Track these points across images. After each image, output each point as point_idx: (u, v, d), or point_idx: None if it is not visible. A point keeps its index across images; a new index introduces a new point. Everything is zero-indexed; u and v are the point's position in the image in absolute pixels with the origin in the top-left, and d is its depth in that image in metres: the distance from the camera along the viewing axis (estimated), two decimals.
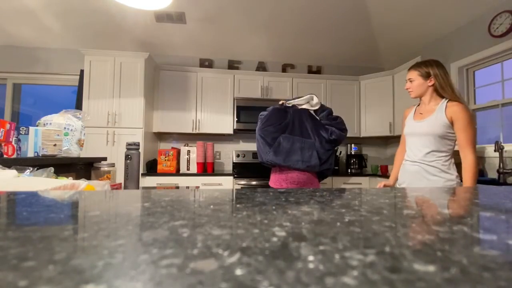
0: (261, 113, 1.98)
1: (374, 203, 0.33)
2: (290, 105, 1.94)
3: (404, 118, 1.62)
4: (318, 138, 1.84)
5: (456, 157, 1.40)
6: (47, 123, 1.34)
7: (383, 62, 3.68)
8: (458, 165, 1.37)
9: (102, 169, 1.20)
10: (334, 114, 1.96)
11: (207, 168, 3.05)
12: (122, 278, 0.12)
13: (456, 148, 1.39)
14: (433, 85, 1.41)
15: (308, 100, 1.95)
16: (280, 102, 1.96)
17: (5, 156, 1.04)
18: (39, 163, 1.00)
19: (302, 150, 1.78)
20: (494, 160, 2.25)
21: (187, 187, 2.16)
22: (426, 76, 1.42)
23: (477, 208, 0.32)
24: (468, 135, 1.31)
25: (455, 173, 1.37)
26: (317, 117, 1.94)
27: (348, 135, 3.40)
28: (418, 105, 1.53)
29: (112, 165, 1.24)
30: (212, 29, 2.93)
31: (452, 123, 1.34)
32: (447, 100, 1.38)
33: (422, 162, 1.42)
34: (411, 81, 1.47)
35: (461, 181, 1.37)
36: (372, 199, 0.36)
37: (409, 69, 1.49)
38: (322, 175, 1.94)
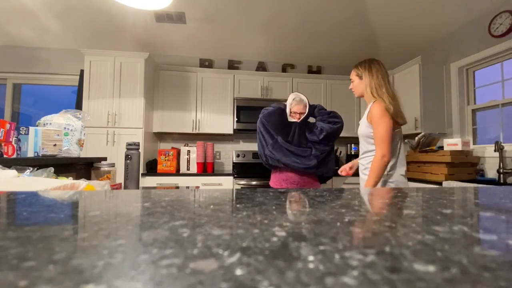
0: (265, 108, 1.96)
1: (374, 203, 0.33)
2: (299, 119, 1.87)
3: None
4: (314, 146, 1.82)
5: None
6: (47, 123, 1.34)
7: (383, 62, 3.68)
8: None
9: (102, 169, 1.20)
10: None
11: (207, 168, 3.05)
12: (122, 278, 0.12)
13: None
14: (365, 85, 1.44)
15: (300, 101, 1.88)
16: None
17: (5, 156, 1.04)
18: (39, 163, 1.00)
19: (299, 155, 1.77)
20: (494, 160, 2.25)
21: (187, 187, 2.16)
22: (361, 76, 1.45)
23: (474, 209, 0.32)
24: (377, 131, 1.33)
25: (389, 172, 1.36)
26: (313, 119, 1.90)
27: (348, 135, 3.40)
28: None
29: (112, 165, 1.24)
30: (212, 29, 2.93)
31: (370, 121, 1.37)
32: (373, 101, 1.40)
33: (360, 161, 1.50)
34: (352, 81, 1.52)
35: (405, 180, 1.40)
36: (372, 199, 0.36)
37: (352, 70, 1.54)
38: (322, 178, 1.93)
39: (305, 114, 1.86)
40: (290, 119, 1.88)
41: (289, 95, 1.93)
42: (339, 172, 1.68)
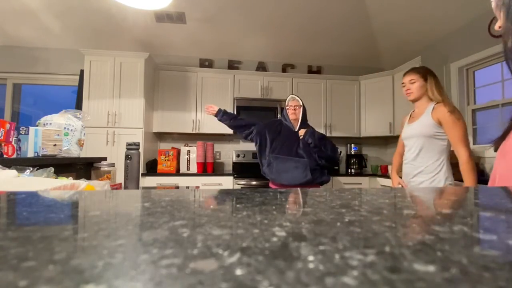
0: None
1: (374, 203, 0.33)
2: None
3: (402, 125, 1.70)
4: (311, 156, 1.83)
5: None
6: (47, 123, 1.34)
7: (383, 62, 3.68)
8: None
9: (102, 169, 1.20)
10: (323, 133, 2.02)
11: (207, 168, 3.05)
12: (122, 278, 0.12)
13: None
14: (427, 89, 1.49)
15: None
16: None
17: (5, 156, 1.04)
18: (39, 163, 1.00)
19: (296, 169, 1.78)
20: (494, 160, 2.25)
21: (187, 187, 2.16)
22: (425, 79, 1.49)
23: (477, 208, 0.32)
24: (456, 132, 1.34)
25: (447, 174, 1.42)
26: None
27: (348, 135, 3.41)
28: (413, 111, 1.61)
29: (112, 165, 1.24)
30: (212, 29, 2.93)
31: (440, 124, 1.40)
32: (435, 103, 1.45)
33: (412, 163, 1.50)
34: (412, 82, 1.51)
35: (461, 181, 1.40)
36: (372, 199, 0.36)
37: (408, 72, 1.56)
38: (321, 183, 1.95)
39: (301, 110, 1.92)
40: (289, 121, 1.93)
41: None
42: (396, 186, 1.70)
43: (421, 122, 1.46)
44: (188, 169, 2.97)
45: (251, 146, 3.48)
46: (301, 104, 1.94)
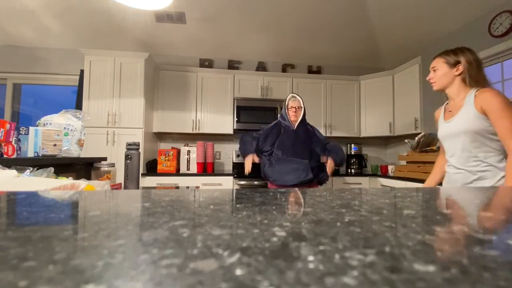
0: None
1: (374, 203, 0.33)
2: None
3: (435, 121, 1.41)
4: (311, 156, 1.84)
5: None
6: (47, 123, 1.34)
7: (383, 62, 3.68)
8: None
9: (102, 169, 1.20)
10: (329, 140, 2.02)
11: (207, 168, 3.05)
12: (122, 278, 0.12)
13: None
14: (460, 74, 1.21)
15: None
16: None
17: (5, 156, 1.04)
18: (39, 163, 1.00)
19: (297, 170, 1.79)
20: None
21: (187, 187, 2.16)
22: (454, 64, 1.22)
23: (478, 209, 0.32)
24: (506, 121, 1.08)
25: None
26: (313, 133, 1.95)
27: (348, 135, 3.41)
28: (447, 103, 1.33)
29: (112, 165, 1.24)
30: (212, 29, 2.93)
31: (485, 114, 1.12)
32: (476, 89, 1.17)
33: (466, 168, 1.21)
34: (434, 70, 1.29)
35: None
36: (372, 199, 0.36)
37: (434, 57, 1.31)
38: (320, 182, 1.96)
39: (301, 111, 1.92)
40: (286, 118, 1.94)
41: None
42: None
43: (463, 115, 1.18)
44: (188, 169, 2.97)
45: None
46: (302, 105, 1.94)
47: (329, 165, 1.88)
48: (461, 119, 1.19)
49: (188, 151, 2.98)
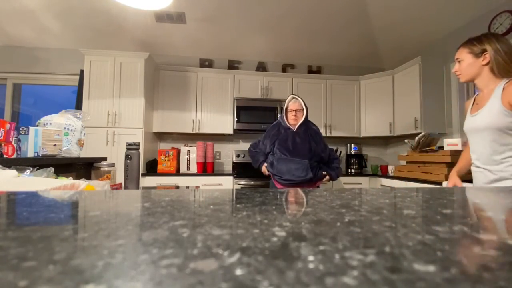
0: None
1: (374, 203, 0.33)
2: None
3: (465, 112, 1.30)
4: (313, 155, 1.84)
5: None
6: (47, 123, 1.34)
7: (383, 62, 3.68)
8: None
9: (102, 169, 1.20)
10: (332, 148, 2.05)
11: (207, 168, 3.05)
12: (122, 278, 0.12)
13: None
14: (488, 63, 1.11)
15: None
16: None
17: (5, 156, 1.04)
18: (39, 163, 1.00)
19: (296, 170, 1.80)
20: None
21: (187, 187, 2.16)
22: (479, 53, 1.13)
23: (477, 209, 0.32)
24: None
25: None
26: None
27: (348, 135, 3.41)
28: (477, 94, 1.24)
29: (112, 165, 1.24)
30: (212, 29, 2.93)
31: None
32: (506, 81, 1.07)
33: (486, 167, 1.14)
34: (459, 61, 1.20)
35: None
36: (372, 199, 0.36)
37: (459, 48, 1.23)
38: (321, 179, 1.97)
39: (303, 113, 1.90)
40: (285, 120, 1.93)
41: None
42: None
43: (488, 109, 1.09)
44: (188, 169, 2.97)
45: None
46: (303, 107, 1.90)
47: (325, 180, 1.94)
48: (485, 113, 1.11)
49: (188, 151, 2.98)
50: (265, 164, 1.95)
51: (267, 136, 1.96)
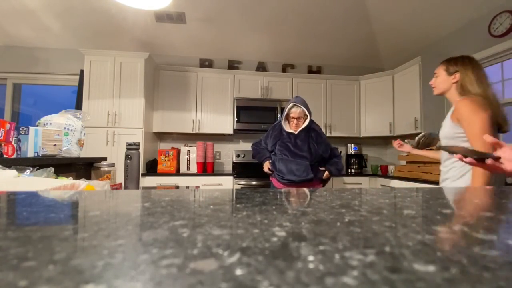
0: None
1: (374, 203, 0.33)
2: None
3: None
4: (314, 155, 1.84)
5: None
6: (47, 123, 1.34)
7: (383, 62, 3.69)
8: None
9: (102, 169, 1.20)
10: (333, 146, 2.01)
11: (207, 168, 3.05)
12: (122, 278, 0.12)
13: None
14: (456, 82, 1.30)
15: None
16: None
17: (5, 156, 1.04)
18: (39, 163, 1.00)
19: (297, 171, 1.80)
20: None
21: (187, 187, 2.16)
22: (452, 73, 1.32)
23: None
24: (471, 129, 1.15)
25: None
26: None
27: (348, 135, 3.41)
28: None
29: (112, 165, 1.24)
30: (212, 29, 2.93)
31: (458, 120, 1.22)
32: (460, 99, 1.24)
33: (441, 169, 1.36)
34: (436, 76, 1.40)
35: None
36: (372, 199, 0.36)
37: (439, 64, 1.42)
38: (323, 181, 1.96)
39: (305, 119, 1.85)
40: (285, 126, 1.89)
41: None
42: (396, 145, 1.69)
43: (445, 121, 1.32)
44: (188, 169, 2.97)
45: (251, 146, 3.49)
46: (306, 114, 1.83)
47: (325, 176, 1.91)
48: (443, 124, 1.33)
49: (188, 151, 2.98)
50: (269, 161, 1.93)
51: (269, 136, 1.96)
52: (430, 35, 2.90)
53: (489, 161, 0.77)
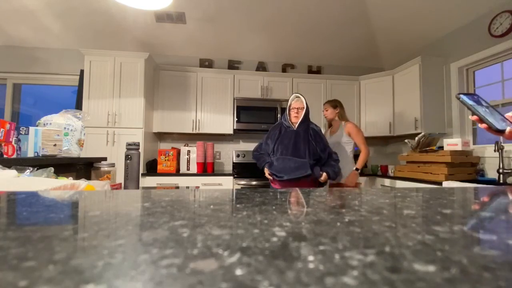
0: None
1: (374, 203, 0.33)
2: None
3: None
4: (312, 154, 1.84)
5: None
6: (47, 123, 1.34)
7: (383, 62, 3.69)
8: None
9: (102, 169, 1.20)
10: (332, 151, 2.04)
11: (207, 168, 3.05)
12: (122, 278, 0.12)
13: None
14: (337, 113, 2.35)
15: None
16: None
17: (5, 156, 1.04)
18: (39, 163, 1.00)
19: (296, 169, 1.81)
20: (494, 160, 2.25)
21: (187, 187, 2.16)
22: (334, 107, 2.36)
23: (477, 209, 0.32)
24: (359, 139, 2.26)
25: (350, 165, 2.27)
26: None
27: None
28: (331, 127, 2.46)
29: (112, 165, 1.24)
30: (212, 29, 2.93)
31: (349, 135, 2.27)
32: (344, 122, 2.31)
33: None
34: (326, 110, 2.38)
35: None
36: (372, 199, 0.36)
37: (325, 104, 2.43)
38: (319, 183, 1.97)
39: (303, 110, 1.93)
40: (287, 119, 1.95)
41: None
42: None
43: (338, 134, 2.30)
44: (188, 169, 2.97)
45: (251, 146, 3.48)
46: (304, 105, 1.94)
47: (323, 178, 1.91)
48: (337, 135, 2.31)
49: (188, 151, 2.98)
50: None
51: (269, 136, 1.98)
52: (430, 35, 2.90)
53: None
